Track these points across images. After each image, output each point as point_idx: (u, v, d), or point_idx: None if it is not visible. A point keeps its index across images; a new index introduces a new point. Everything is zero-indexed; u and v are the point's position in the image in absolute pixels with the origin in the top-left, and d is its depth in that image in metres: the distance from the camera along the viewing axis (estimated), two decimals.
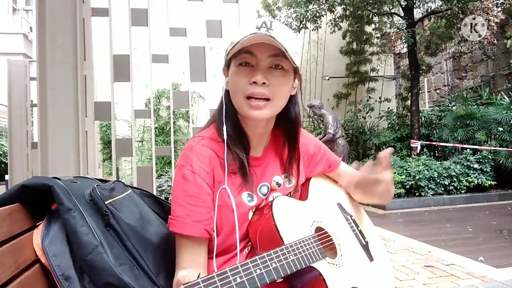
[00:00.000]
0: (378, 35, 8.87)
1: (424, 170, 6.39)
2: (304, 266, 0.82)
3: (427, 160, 6.83)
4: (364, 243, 1.06)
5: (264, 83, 0.87)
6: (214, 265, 0.87)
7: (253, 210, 0.95)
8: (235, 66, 0.90)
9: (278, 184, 1.00)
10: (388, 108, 9.35)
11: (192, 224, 0.84)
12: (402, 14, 7.81)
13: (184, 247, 0.85)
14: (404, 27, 7.56)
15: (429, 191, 6.31)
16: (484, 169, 6.57)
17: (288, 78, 0.92)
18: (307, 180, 1.11)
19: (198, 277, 0.66)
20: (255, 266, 0.72)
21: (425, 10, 8.77)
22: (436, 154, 8.04)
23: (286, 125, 1.00)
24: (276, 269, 0.76)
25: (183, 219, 0.84)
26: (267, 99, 0.88)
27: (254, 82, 0.87)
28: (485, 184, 6.41)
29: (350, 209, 1.14)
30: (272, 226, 0.86)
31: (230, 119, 0.93)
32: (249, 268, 0.71)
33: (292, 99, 0.97)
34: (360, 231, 1.09)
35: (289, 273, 0.78)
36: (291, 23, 8.05)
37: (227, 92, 0.95)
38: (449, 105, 8.36)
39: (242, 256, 0.93)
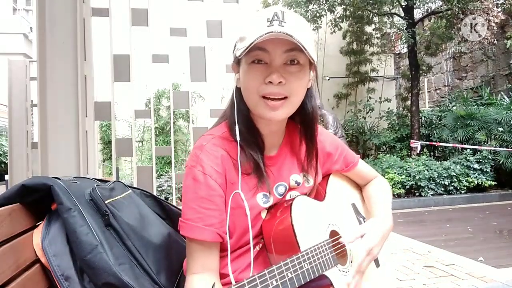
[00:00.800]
0: (378, 35, 8.86)
1: (424, 170, 6.39)
2: (317, 275, 0.80)
3: (427, 160, 6.83)
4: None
5: (280, 82, 0.81)
6: (229, 269, 0.84)
7: (267, 209, 0.91)
8: (247, 64, 0.84)
9: (297, 183, 0.95)
10: (388, 108, 9.35)
11: (204, 228, 0.81)
12: (402, 14, 7.81)
13: (195, 251, 0.83)
14: (404, 27, 7.56)
15: (429, 191, 6.31)
16: (484, 169, 6.57)
17: (305, 73, 0.85)
18: (325, 177, 1.06)
19: (213, 287, 0.66)
20: (272, 278, 0.71)
21: (425, 10, 8.77)
22: (436, 154, 8.04)
23: (303, 120, 0.94)
24: (291, 279, 0.74)
25: (194, 222, 0.81)
26: (284, 97, 0.83)
27: (270, 82, 0.81)
28: (485, 184, 6.41)
29: (363, 210, 1.12)
30: (289, 229, 0.82)
31: (242, 117, 0.88)
32: (266, 280, 0.70)
33: (307, 92, 0.90)
34: None
35: (303, 283, 0.76)
36: None
37: (237, 90, 0.89)
38: (449, 105, 8.37)
39: (254, 253, 0.89)
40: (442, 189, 6.38)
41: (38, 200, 0.80)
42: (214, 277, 0.83)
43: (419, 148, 7.35)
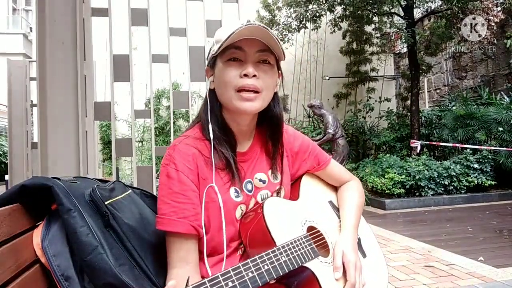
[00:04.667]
0: (378, 35, 8.84)
1: (424, 170, 6.39)
2: (296, 267, 0.82)
3: (427, 160, 6.83)
4: (356, 240, 1.06)
5: (255, 75, 0.89)
6: (206, 264, 0.87)
7: (242, 209, 0.95)
8: (223, 62, 0.91)
9: (262, 181, 1.00)
10: (388, 108, 9.34)
11: (178, 221, 0.84)
12: (402, 14, 7.80)
13: (173, 245, 0.85)
14: (404, 27, 7.55)
15: (429, 191, 6.31)
16: (484, 169, 6.56)
17: (274, 72, 0.95)
18: (298, 179, 1.11)
19: (187, 284, 0.66)
20: (247, 270, 0.72)
21: (425, 10, 8.77)
22: (436, 154, 8.04)
23: (270, 121, 1.01)
24: (268, 271, 0.76)
25: (169, 216, 0.85)
26: (257, 92, 0.90)
27: (245, 75, 0.88)
28: (485, 184, 6.41)
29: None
30: (263, 227, 0.86)
31: (215, 117, 0.95)
32: (241, 272, 0.71)
33: (274, 96, 0.99)
34: None
35: (281, 274, 0.78)
36: (291, 23, 8.05)
37: (211, 92, 0.97)
38: (449, 105, 8.36)
39: (236, 258, 0.93)
40: (442, 189, 6.38)
41: (38, 201, 0.80)
42: (193, 271, 0.85)
43: (419, 148, 7.34)
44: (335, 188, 1.19)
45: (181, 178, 0.87)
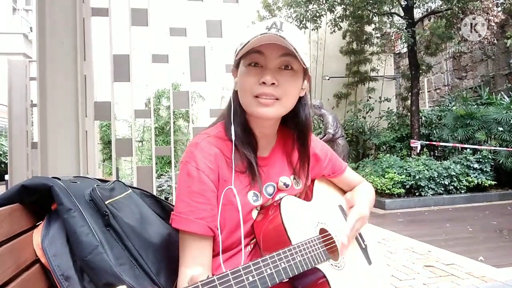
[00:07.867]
0: (378, 35, 8.85)
1: (424, 170, 6.39)
2: (310, 267, 0.82)
3: (427, 160, 6.83)
4: (364, 246, 1.07)
5: (273, 83, 0.86)
6: (221, 261, 0.87)
7: (258, 209, 0.94)
8: (244, 66, 0.90)
9: (286, 185, 0.99)
10: (388, 108, 9.35)
11: (195, 221, 0.83)
12: (402, 14, 7.80)
13: (187, 244, 0.85)
14: (404, 27, 7.56)
15: (429, 191, 6.30)
16: (484, 169, 6.56)
17: (297, 79, 0.90)
18: (311, 181, 1.11)
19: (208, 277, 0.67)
20: (266, 266, 0.73)
21: (425, 10, 8.76)
22: (436, 154, 8.03)
23: (296, 127, 0.99)
24: (285, 269, 0.76)
25: (186, 215, 0.84)
26: (276, 99, 0.87)
27: (263, 83, 0.86)
28: (485, 184, 6.41)
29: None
30: (279, 225, 0.86)
31: (238, 119, 0.93)
32: (260, 267, 0.72)
33: (301, 101, 0.95)
34: (360, 234, 1.09)
35: (296, 273, 0.78)
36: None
37: (235, 93, 0.94)
38: (449, 105, 8.35)
39: (245, 254, 0.92)
40: (442, 188, 6.38)
41: (38, 200, 0.80)
42: (206, 272, 0.84)
43: (419, 148, 7.34)
44: (345, 193, 1.20)
45: (201, 177, 0.86)
